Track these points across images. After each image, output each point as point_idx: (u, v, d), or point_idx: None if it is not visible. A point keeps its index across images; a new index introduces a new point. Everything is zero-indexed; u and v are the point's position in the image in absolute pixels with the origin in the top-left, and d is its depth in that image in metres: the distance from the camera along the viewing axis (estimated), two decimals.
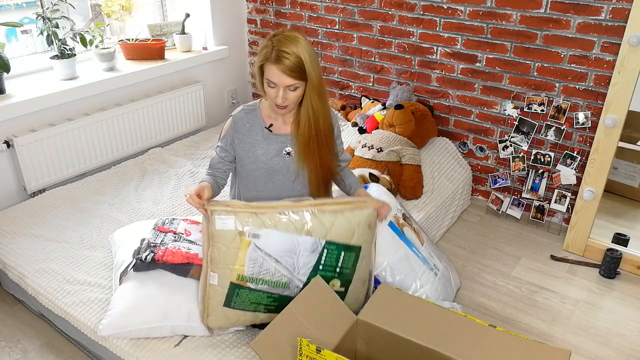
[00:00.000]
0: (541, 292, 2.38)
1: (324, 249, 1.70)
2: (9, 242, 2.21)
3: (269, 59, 1.65)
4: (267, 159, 1.85)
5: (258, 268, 1.68)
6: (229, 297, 1.68)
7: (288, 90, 1.69)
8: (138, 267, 1.80)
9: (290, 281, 1.71)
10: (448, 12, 2.83)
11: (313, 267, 1.71)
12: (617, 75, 2.34)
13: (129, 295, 1.76)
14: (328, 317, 1.61)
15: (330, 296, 1.66)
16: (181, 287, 1.78)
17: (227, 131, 1.88)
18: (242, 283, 1.67)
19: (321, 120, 1.80)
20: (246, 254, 1.65)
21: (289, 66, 1.63)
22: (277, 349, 1.49)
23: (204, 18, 3.44)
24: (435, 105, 3.08)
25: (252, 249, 1.65)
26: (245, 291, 1.68)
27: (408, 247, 2.05)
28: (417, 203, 2.62)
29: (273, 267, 1.68)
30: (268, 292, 1.70)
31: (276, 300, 1.71)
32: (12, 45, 2.85)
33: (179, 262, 1.81)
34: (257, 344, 1.49)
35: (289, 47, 1.63)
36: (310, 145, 1.82)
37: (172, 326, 1.72)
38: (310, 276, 1.71)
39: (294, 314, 1.57)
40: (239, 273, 1.66)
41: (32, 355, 2.02)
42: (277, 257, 1.68)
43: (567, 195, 2.69)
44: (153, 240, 1.92)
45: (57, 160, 2.69)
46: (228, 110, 3.78)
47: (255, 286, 1.68)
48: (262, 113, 1.87)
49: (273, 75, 1.66)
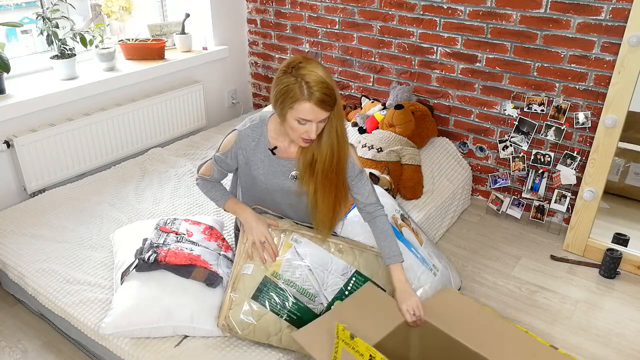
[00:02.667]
0: (541, 292, 2.38)
1: (352, 277, 1.79)
2: (9, 242, 2.21)
3: (300, 98, 1.51)
4: (266, 179, 1.77)
5: (292, 271, 1.75)
6: (259, 289, 1.71)
7: (319, 124, 1.57)
8: (141, 267, 1.80)
9: (317, 295, 1.75)
10: (448, 12, 2.83)
11: (340, 290, 1.77)
12: (617, 75, 2.34)
13: (131, 294, 1.76)
14: (376, 315, 1.64)
15: (382, 296, 1.71)
16: (183, 288, 1.78)
17: (230, 146, 1.75)
18: (274, 279, 1.72)
19: (344, 148, 1.67)
20: (285, 254, 1.75)
21: (324, 100, 1.51)
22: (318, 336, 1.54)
23: (204, 18, 3.44)
24: (435, 105, 3.08)
25: (291, 251, 1.76)
26: (275, 288, 1.71)
27: (406, 247, 2.05)
28: (417, 203, 2.62)
29: (305, 274, 1.75)
30: (295, 298, 1.72)
31: (300, 310, 1.72)
32: (12, 45, 2.85)
33: (182, 263, 1.81)
34: (299, 334, 1.56)
35: (317, 78, 1.51)
36: (329, 176, 1.68)
37: (175, 326, 1.72)
38: (335, 298, 1.76)
39: (341, 312, 1.62)
40: (274, 270, 1.73)
41: (32, 355, 2.02)
42: (311, 266, 1.76)
43: (567, 195, 2.69)
44: (156, 240, 1.92)
45: (57, 160, 2.69)
46: (228, 110, 3.78)
47: (285, 286, 1.72)
48: (268, 133, 1.73)
49: (308, 114, 1.52)
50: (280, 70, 1.56)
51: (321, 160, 1.66)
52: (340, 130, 1.63)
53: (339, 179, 1.70)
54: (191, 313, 1.73)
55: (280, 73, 1.56)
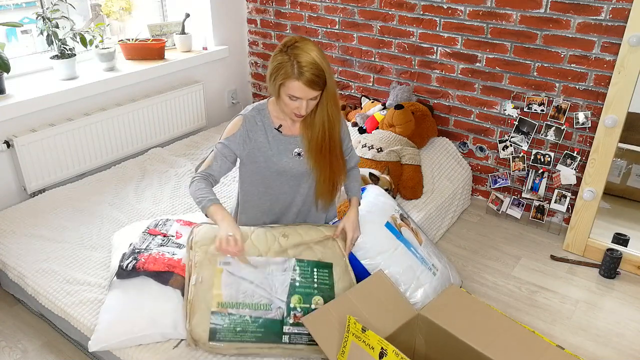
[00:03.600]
0: (541, 292, 2.38)
1: (295, 267, 1.77)
2: (9, 242, 2.21)
3: (292, 75, 1.63)
4: (278, 159, 1.84)
5: (235, 291, 1.70)
6: (214, 329, 1.64)
7: (310, 101, 1.70)
8: (120, 275, 1.81)
9: (271, 302, 1.72)
10: (448, 12, 2.83)
11: (290, 285, 1.74)
12: (617, 75, 2.34)
13: (114, 306, 1.76)
14: (385, 307, 1.64)
15: (392, 289, 1.70)
16: (165, 294, 1.77)
17: (236, 129, 1.81)
18: (222, 310, 1.66)
19: (336, 127, 1.81)
20: (221, 281, 1.70)
21: (312, 79, 1.62)
22: (327, 326, 1.54)
23: (204, 18, 3.44)
24: (435, 105, 3.08)
25: (225, 274, 1.72)
26: (227, 317, 1.66)
27: (406, 247, 2.05)
28: (417, 203, 2.62)
29: (250, 289, 1.71)
30: (251, 317, 1.68)
31: (262, 326, 1.68)
32: (12, 45, 2.85)
33: (160, 270, 1.80)
34: (308, 320, 1.56)
35: (309, 59, 1.62)
36: (322, 152, 1.82)
37: (162, 333, 1.71)
38: (289, 294, 1.73)
39: (350, 299, 1.61)
40: (218, 300, 1.68)
41: (32, 355, 2.02)
42: (251, 279, 1.73)
43: (567, 195, 2.69)
44: (139, 245, 1.92)
45: (57, 160, 2.69)
46: (228, 110, 3.78)
47: (236, 311, 1.67)
48: (270, 114, 1.85)
49: (297, 91, 1.65)
50: (277, 49, 1.68)
51: (314, 137, 1.80)
52: (332, 110, 1.76)
53: (332, 154, 1.84)
54: (174, 320, 1.72)
55: (277, 51, 1.67)
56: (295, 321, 1.70)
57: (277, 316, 1.70)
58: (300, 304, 1.73)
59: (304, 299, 1.74)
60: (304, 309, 1.72)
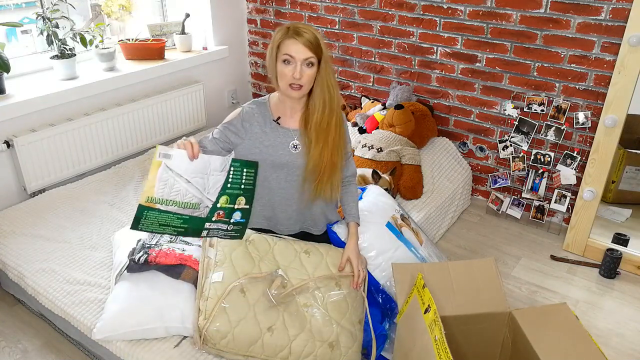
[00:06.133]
0: (541, 292, 2.38)
1: (231, 167, 1.70)
2: (9, 242, 2.21)
3: (286, 35, 1.69)
4: (274, 150, 1.84)
5: (168, 189, 1.64)
6: (137, 220, 1.60)
7: (304, 66, 1.70)
8: (131, 269, 1.81)
9: (200, 202, 1.70)
10: (448, 12, 2.83)
11: (222, 186, 1.69)
12: (617, 75, 2.34)
13: (122, 297, 1.77)
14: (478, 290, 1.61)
15: (495, 279, 1.66)
16: (174, 288, 1.77)
17: (234, 118, 1.87)
18: (151, 205, 1.61)
19: (336, 101, 1.79)
20: (156, 175, 1.61)
21: (307, 39, 1.68)
22: (410, 277, 1.59)
23: (204, 18, 3.44)
24: (435, 105, 3.08)
25: (162, 169, 1.62)
26: (154, 213, 1.62)
27: (407, 247, 2.05)
28: (417, 203, 2.62)
29: (184, 187, 1.68)
30: (177, 214, 1.65)
31: (186, 222, 1.67)
32: (12, 45, 2.85)
33: (172, 264, 1.81)
34: (397, 266, 1.62)
35: (305, 26, 1.71)
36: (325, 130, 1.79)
37: (167, 327, 1.72)
38: (219, 195, 1.68)
39: (447, 268, 1.62)
40: (148, 195, 1.61)
41: (32, 355, 2.02)
42: (189, 177, 1.68)
43: (567, 195, 2.69)
44: (148, 241, 1.92)
45: (57, 160, 2.69)
46: (228, 110, 3.77)
47: (164, 207, 1.63)
48: (270, 107, 1.88)
49: (291, 49, 1.68)
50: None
51: (314, 112, 1.78)
52: (330, 80, 1.76)
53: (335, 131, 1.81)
54: (182, 313, 1.72)
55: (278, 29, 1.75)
56: (217, 218, 1.70)
57: (203, 214, 1.69)
58: (226, 204, 1.70)
59: (230, 199, 1.71)
60: (227, 209, 1.70)
